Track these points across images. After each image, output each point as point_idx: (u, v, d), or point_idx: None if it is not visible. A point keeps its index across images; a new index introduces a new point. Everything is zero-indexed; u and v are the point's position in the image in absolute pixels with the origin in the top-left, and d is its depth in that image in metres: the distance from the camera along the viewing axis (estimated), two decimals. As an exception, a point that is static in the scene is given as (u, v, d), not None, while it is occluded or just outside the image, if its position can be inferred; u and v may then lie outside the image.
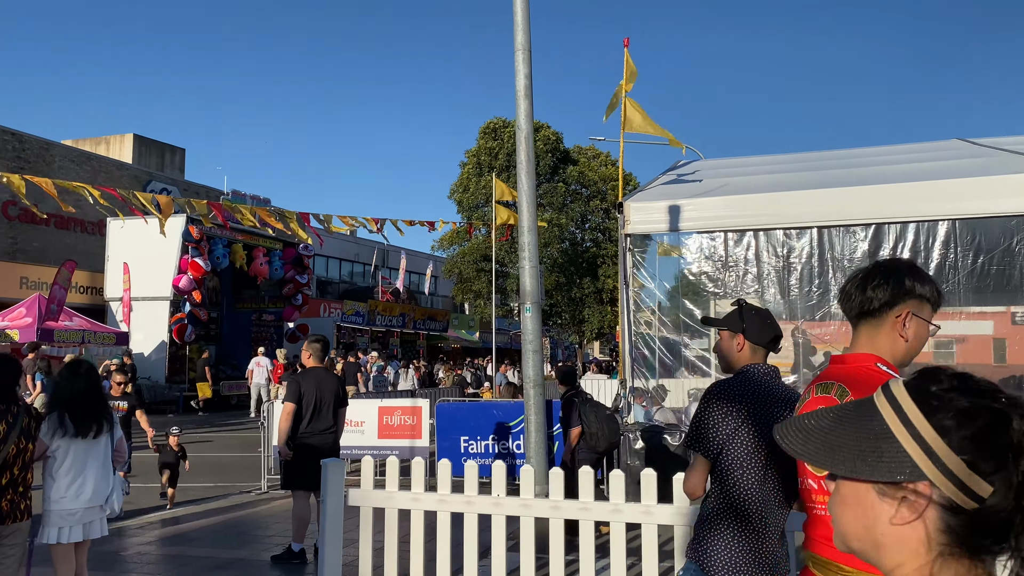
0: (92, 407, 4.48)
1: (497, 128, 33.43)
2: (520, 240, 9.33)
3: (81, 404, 4.44)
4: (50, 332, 17.97)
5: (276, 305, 28.32)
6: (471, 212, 33.12)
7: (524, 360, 9.25)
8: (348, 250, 43.36)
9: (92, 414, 4.47)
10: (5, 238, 23.74)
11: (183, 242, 22.44)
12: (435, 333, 37.69)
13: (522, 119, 9.36)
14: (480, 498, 4.21)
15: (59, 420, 4.39)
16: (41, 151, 25.15)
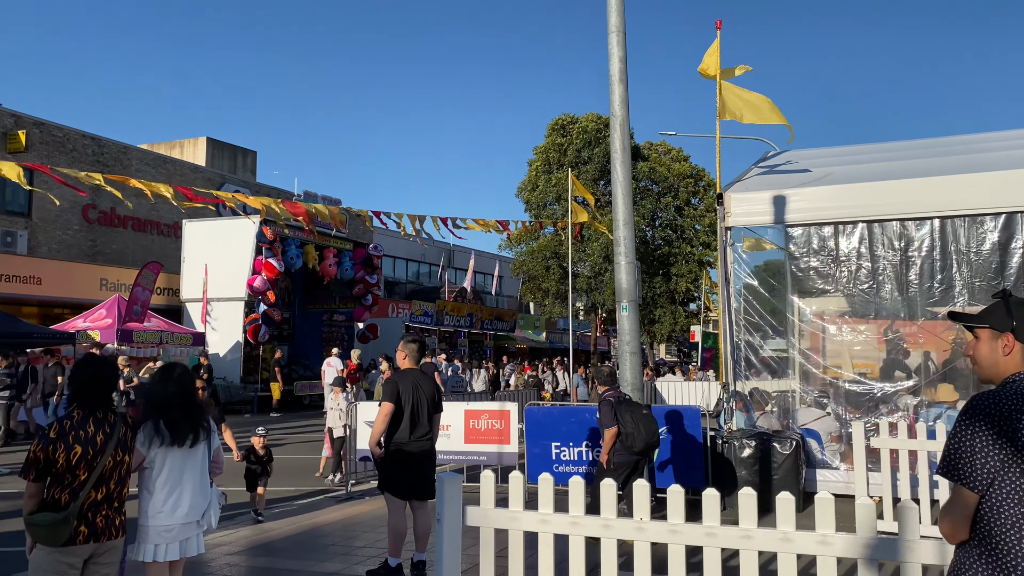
0: (188, 413, 4.12)
1: (565, 124, 32.89)
2: (615, 234, 8.78)
3: (176, 410, 4.09)
4: (129, 333, 18.14)
5: (346, 305, 28.35)
6: (539, 210, 32.64)
7: (620, 362, 8.71)
8: (415, 250, 43.36)
9: (188, 421, 4.11)
10: (85, 240, 24.23)
11: (257, 243, 22.53)
12: (502, 333, 37.34)
13: (616, 105, 8.82)
14: (620, 522, 3.69)
15: (154, 428, 4.04)
16: (119, 154, 25.61)
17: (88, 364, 3.91)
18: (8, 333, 16.28)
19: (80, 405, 3.84)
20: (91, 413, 3.84)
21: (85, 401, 3.83)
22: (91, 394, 3.84)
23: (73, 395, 3.87)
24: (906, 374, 9.88)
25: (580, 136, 32.09)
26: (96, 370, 3.90)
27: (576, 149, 32.09)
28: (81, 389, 3.85)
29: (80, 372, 3.89)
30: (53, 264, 21.37)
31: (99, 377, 3.88)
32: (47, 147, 22.94)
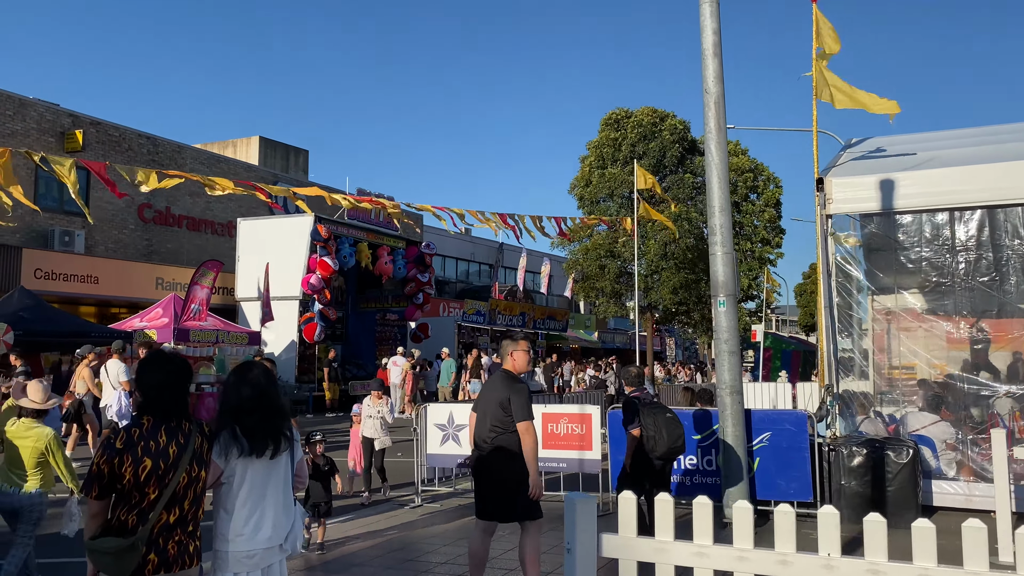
0: (267, 420, 3.54)
1: (619, 119, 32.04)
2: (711, 222, 8.05)
3: (253, 416, 3.51)
4: (186, 332, 17.89)
5: (399, 304, 27.97)
6: (592, 207, 31.86)
7: (718, 362, 7.98)
8: (464, 249, 42.91)
9: (267, 428, 3.53)
10: (141, 240, 24.20)
11: (312, 241, 22.21)
12: (554, 333, 36.66)
13: (711, 81, 8.09)
14: (803, 557, 2.99)
15: (231, 436, 3.48)
16: (174, 153, 25.57)
17: (158, 363, 3.36)
18: (66, 332, 16.13)
19: (150, 412, 3.29)
20: (163, 421, 3.28)
21: (156, 407, 3.28)
22: (163, 398, 3.29)
23: (143, 400, 3.32)
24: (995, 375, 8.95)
25: (635, 131, 31.23)
26: (170, 370, 3.35)
27: (631, 144, 31.24)
28: (151, 393, 3.30)
29: (149, 373, 3.33)
30: (110, 263, 21.33)
31: (172, 378, 3.33)
32: (103, 146, 22.94)
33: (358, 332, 28.53)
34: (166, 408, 3.29)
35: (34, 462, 5.35)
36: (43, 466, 5.39)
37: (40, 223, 21.35)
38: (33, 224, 21.19)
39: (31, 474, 5.36)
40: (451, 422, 8.96)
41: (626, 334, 45.52)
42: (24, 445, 5.34)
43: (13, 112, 20.99)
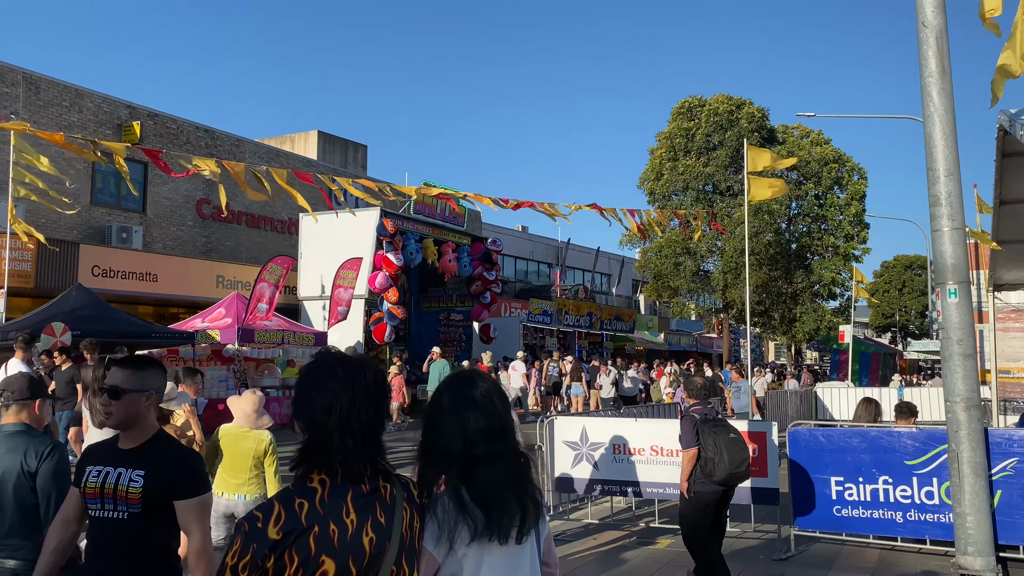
0: (513, 473, 2.05)
1: (692, 107, 30.29)
2: (932, 191, 6.35)
3: (493, 467, 2.02)
4: (251, 332, 16.69)
5: (464, 304, 26.62)
6: (664, 202, 30.14)
7: (948, 368, 6.28)
8: (523, 248, 41.43)
9: (515, 489, 2.03)
10: (200, 237, 23.19)
11: (377, 237, 20.92)
12: (621, 334, 34.93)
13: (929, 11, 6.42)
14: None
15: (457, 507, 1.97)
16: (232, 147, 24.55)
17: (338, 373, 1.89)
18: (127, 332, 15.00)
19: (325, 463, 1.82)
20: (351, 482, 1.81)
21: (339, 454, 1.82)
22: (350, 437, 1.83)
23: (309, 441, 1.84)
24: None
25: (709, 119, 29.43)
26: (360, 386, 1.88)
27: (705, 134, 29.46)
28: (328, 427, 1.83)
29: (323, 390, 1.86)
30: (169, 260, 20.27)
31: (366, 401, 1.87)
32: (161, 139, 21.95)
33: (421, 333, 27.22)
34: (357, 456, 1.83)
35: (252, 465, 5.24)
36: (258, 469, 5.30)
37: (97, 219, 20.42)
38: (90, 220, 20.26)
39: (250, 479, 5.25)
40: (584, 439, 7.43)
41: (691, 335, 43.61)
42: (243, 449, 5.23)
43: (69, 103, 20.09)
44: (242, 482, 5.23)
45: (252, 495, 5.25)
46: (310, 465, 1.82)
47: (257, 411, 5.35)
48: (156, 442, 2.78)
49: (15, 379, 3.66)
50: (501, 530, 1.98)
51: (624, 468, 7.23)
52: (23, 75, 19.06)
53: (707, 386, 6.35)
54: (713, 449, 5.81)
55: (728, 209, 28.56)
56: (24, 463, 3.32)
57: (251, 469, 5.27)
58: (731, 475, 5.84)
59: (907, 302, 53.86)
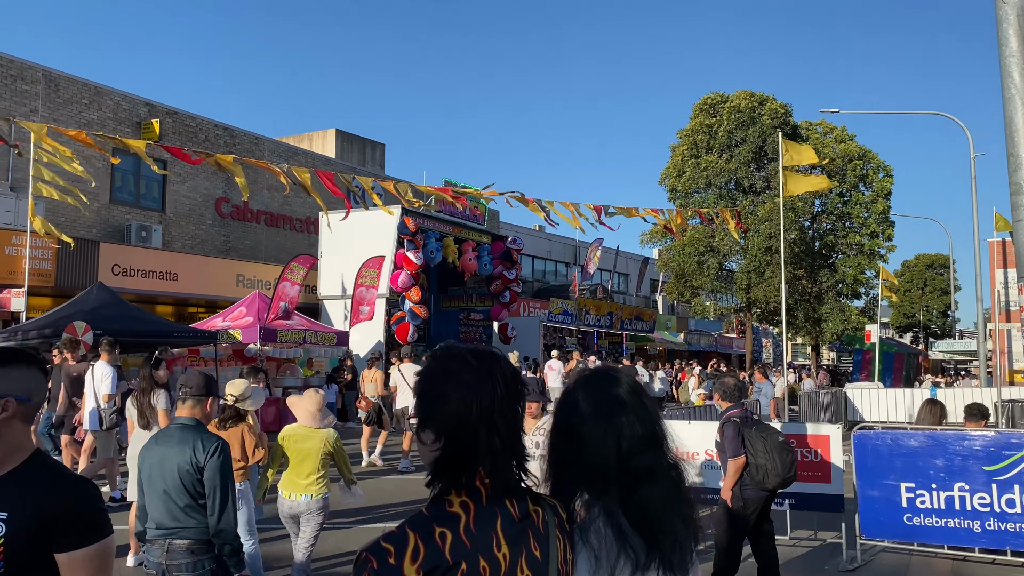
0: (674, 494, 1.71)
1: (715, 104, 29.83)
2: (1013, 179, 5.99)
3: (655, 485, 1.69)
4: (273, 332, 16.42)
5: (484, 303, 26.28)
6: (686, 199, 29.69)
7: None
8: (540, 247, 41.08)
9: (676, 513, 1.69)
10: (219, 236, 22.98)
11: (399, 235, 20.61)
12: (641, 334, 34.51)
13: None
14: None
15: (616, 533, 1.63)
16: (251, 145, 24.34)
17: (473, 368, 1.56)
18: (148, 332, 14.76)
19: (461, 483, 1.49)
20: (499, 502, 1.48)
21: (483, 461, 1.51)
22: (495, 441, 1.53)
23: (443, 453, 1.51)
24: None
25: (732, 116, 28.97)
26: (498, 384, 1.56)
27: (728, 131, 29.00)
28: (462, 434, 1.50)
29: (451, 384, 1.53)
30: (189, 259, 20.04)
31: (507, 400, 1.55)
32: (180, 136, 21.74)
33: (440, 333, 26.89)
34: (506, 461, 1.54)
35: (319, 465, 5.20)
36: (325, 468, 5.28)
37: (116, 217, 20.23)
38: (109, 218, 20.07)
39: (316, 480, 5.21)
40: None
41: (711, 335, 43.12)
42: (308, 448, 5.18)
43: (89, 101, 19.90)
44: (308, 483, 5.18)
45: (317, 495, 5.24)
46: (449, 483, 1.48)
47: (320, 410, 5.29)
48: (27, 469, 1.96)
49: (194, 376, 3.92)
50: (668, 560, 1.65)
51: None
52: (43, 72, 18.89)
53: (740, 387, 6.05)
54: (764, 455, 5.50)
55: (751, 207, 28.11)
56: (193, 457, 3.62)
57: (317, 469, 5.22)
58: (784, 480, 5.56)
59: (929, 301, 53.16)
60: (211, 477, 3.62)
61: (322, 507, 5.28)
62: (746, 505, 5.54)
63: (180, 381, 3.92)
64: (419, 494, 9.72)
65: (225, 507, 3.59)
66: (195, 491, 3.62)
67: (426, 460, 1.53)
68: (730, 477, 5.58)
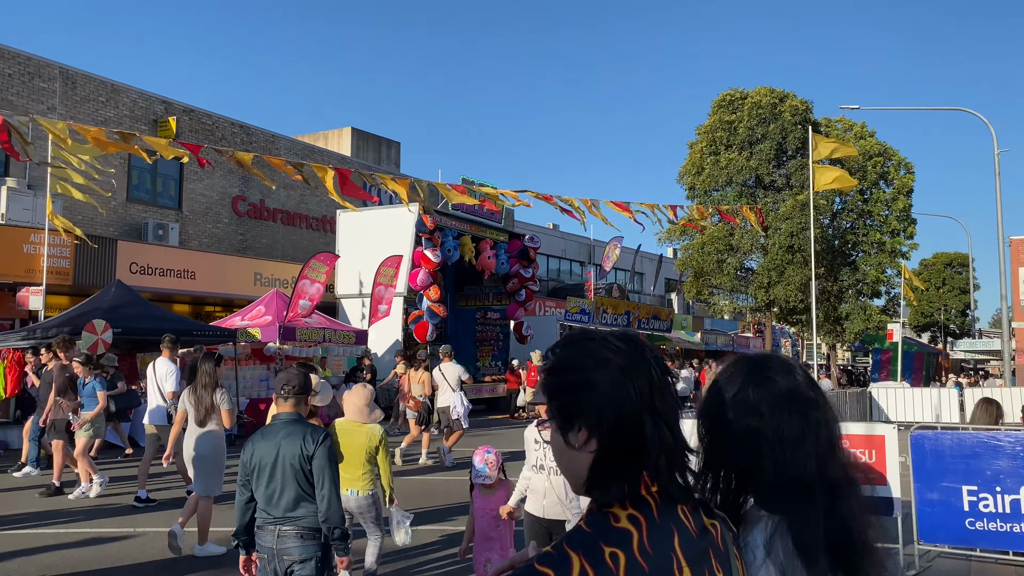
0: (867, 507, 1.46)
1: (734, 100, 29.50)
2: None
3: (852, 494, 1.45)
4: (292, 330, 16.23)
5: (500, 302, 26.05)
6: (704, 197, 29.38)
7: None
8: (555, 246, 40.80)
9: (872, 530, 1.45)
10: (235, 234, 22.84)
11: (416, 233, 20.40)
12: (658, 333, 34.18)
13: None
14: None
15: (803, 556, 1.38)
16: (267, 143, 24.18)
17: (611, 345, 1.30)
18: (165, 331, 14.57)
19: (625, 491, 1.24)
20: (672, 511, 1.24)
21: (654, 458, 1.25)
22: (664, 432, 1.26)
23: (603, 458, 1.25)
24: None
25: (752, 112, 28.64)
26: (657, 358, 1.31)
27: (748, 127, 28.66)
28: (623, 426, 1.24)
29: (600, 370, 1.27)
30: (207, 257, 19.87)
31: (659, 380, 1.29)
32: (196, 134, 21.61)
33: (457, 332, 26.66)
34: (678, 458, 1.28)
35: (364, 460, 5.18)
36: (371, 463, 5.24)
37: (133, 215, 20.11)
38: (126, 217, 19.95)
39: (363, 475, 5.19)
40: (679, 443, 6.79)
41: (727, 335, 42.78)
42: (356, 444, 5.16)
43: (106, 99, 19.79)
44: (355, 477, 5.15)
45: (364, 491, 5.21)
46: (612, 492, 1.24)
47: (368, 405, 5.24)
48: None
49: (295, 375, 4.08)
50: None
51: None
52: (60, 70, 18.78)
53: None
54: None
55: (772, 204, 27.77)
56: (303, 447, 3.83)
57: (364, 464, 5.20)
58: None
59: (947, 300, 52.56)
60: (320, 466, 3.82)
61: (372, 503, 5.28)
62: None
63: (280, 379, 4.10)
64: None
65: (333, 494, 3.81)
66: (306, 480, 3.83)
67: (573, 468, 1.28)
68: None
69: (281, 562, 3.81)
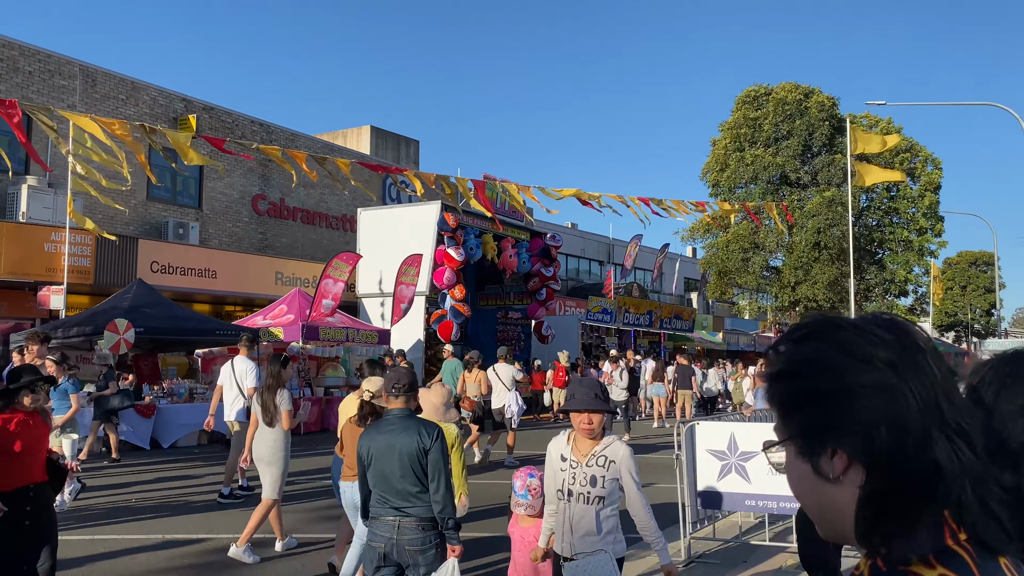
0: None
1: (759, 96, 29.05)
2: None
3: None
4: (315, 330, 15.97)
5: (521, 302, 25.70)
6: (729, 194, 28.93)
7: None
8: (574, 245, 40.40)
9: None
10: (255, 233, 22.64)
11: (438, 232, 20.09)
12: (680, 333, 33.74)
13: None
14: None
15: None
16: (287, 141, 23.97)
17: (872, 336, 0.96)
18: (191, 330, 14.37)
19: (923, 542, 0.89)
20: (991, 561, 0.89)
21: (956, 487, 0.90)
22: (964, 452, 0.91)
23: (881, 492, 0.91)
24: None
25: (778, 108, 28.16)
26: (935, 351, 0.96)
27: (773, 123, 28.20)
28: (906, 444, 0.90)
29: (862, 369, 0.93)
30: (228, 256, 19.64)
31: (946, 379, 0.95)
32: (216, 132, 21.40)
33: (478, 332, 26.33)
34: (986, 503, 0.91)
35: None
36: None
37: (153, 214, 19.93)
38: (146, 215, 19.77)
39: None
40: (733, 448, 6.46)
41: (748, 335, 42.27)
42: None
43: (126, 96, 19.62)
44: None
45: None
46: (910, 542, 0.90)
47: (445, 404, 5.23)
48: None
49: (404, 373, 4.23)
50: None
51: (783, 481, 6.26)
52: (80, 67, 18.61)
53: None
54: None
55: (798, 202, 27.31)
56: (420, 441, 3.96)
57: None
58: None
59: (972, 300, 51.77)
60: (435, 460, 3.95)
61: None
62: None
63: (391, 377, 4.24)
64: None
65: (447, 486, 3.96)
66: (422, 473, 3.97)
67: (826, 505, 0.94)
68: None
69: (403, 552, 3.93)
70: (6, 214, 16.40)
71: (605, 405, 3.74)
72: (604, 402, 3.74)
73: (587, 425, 3.67)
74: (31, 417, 4.62)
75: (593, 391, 3.72)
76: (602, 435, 3.75)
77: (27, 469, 4.51)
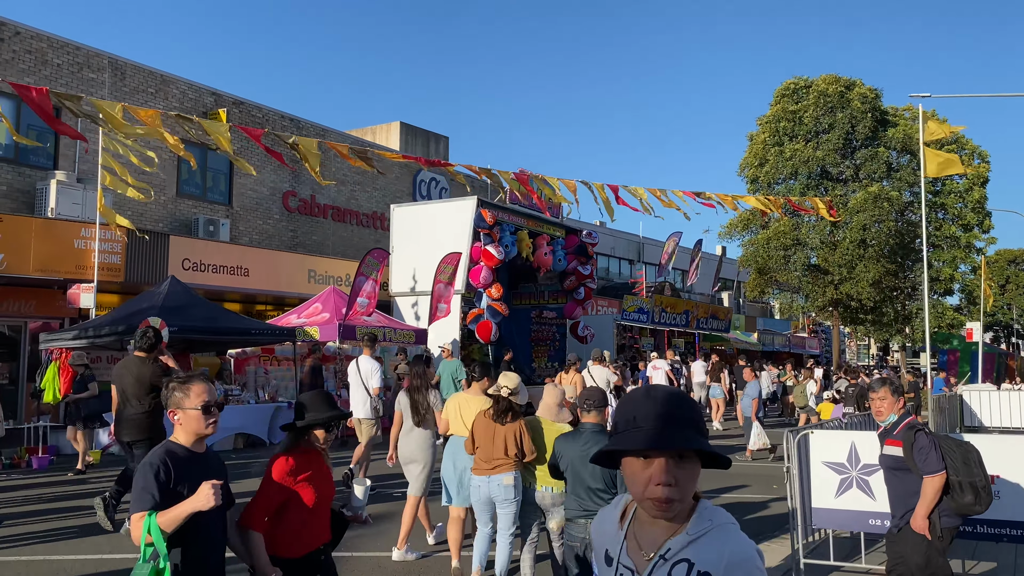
0: None
1: (798, 89, 28.15)
2: None
3: None
4: (352, 329, 15.37)
5: (556, 301, 24.99)
6: (768, 190, 28.04)
7: None
8: (603, 244, 39.61)
9: None
10: (286, 231, 22.10)
11: (475, 228, 19.42)
12: (716, 333, 32.88)
13: None
14: None
15: None
16: (317, 137, 23.37)
17: None
18: (222, 329, 13.79)
19: None
20: None
21: None
22: None
23: None
24: None
25: (819, 101, 27.26)
26: None
27: (814, 117, 27.30)
28: None
29: None
30: (260, 253, 19.06)
31: None
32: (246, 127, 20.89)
33: (512, 331, 25.63)
34: None
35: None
36: None
37: (183, 211, 19.43)
38: (176, 212, 19.28)
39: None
40: (854, 460, 5.73)
41: (783, 335, 41.29)
42: (548, 442, 5.23)
43: (155, 90, 19.14)
44: (545, 473, 5.23)
45: (560, 488, 5.24)
46: None
47: (559, 404, 5.40)
48: None
49: (596, 391, 4.64)
50: None
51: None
52: (109, 60, 18.14)
53: (903, 387, 5.03)
54: (977, 471, 4.53)
55: (840, 197, 26.39)
56: None
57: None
58: (988, 505, 4.61)
59: (1012, 299, 50.38)
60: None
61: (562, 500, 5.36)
62: (943, 537, 4.54)
63: (583, 395, 4.58)
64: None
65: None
66: (611, 480, 4.36)
67: None
68: (928, 500, 4.49)
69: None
70: (35, 210, 15.93)
71: (700, 440, 1.68)
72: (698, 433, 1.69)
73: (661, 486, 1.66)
74: (321, 459, 3.71)
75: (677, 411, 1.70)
76: (693, 508, 1.71)
77: (319, 527, 3.61)
